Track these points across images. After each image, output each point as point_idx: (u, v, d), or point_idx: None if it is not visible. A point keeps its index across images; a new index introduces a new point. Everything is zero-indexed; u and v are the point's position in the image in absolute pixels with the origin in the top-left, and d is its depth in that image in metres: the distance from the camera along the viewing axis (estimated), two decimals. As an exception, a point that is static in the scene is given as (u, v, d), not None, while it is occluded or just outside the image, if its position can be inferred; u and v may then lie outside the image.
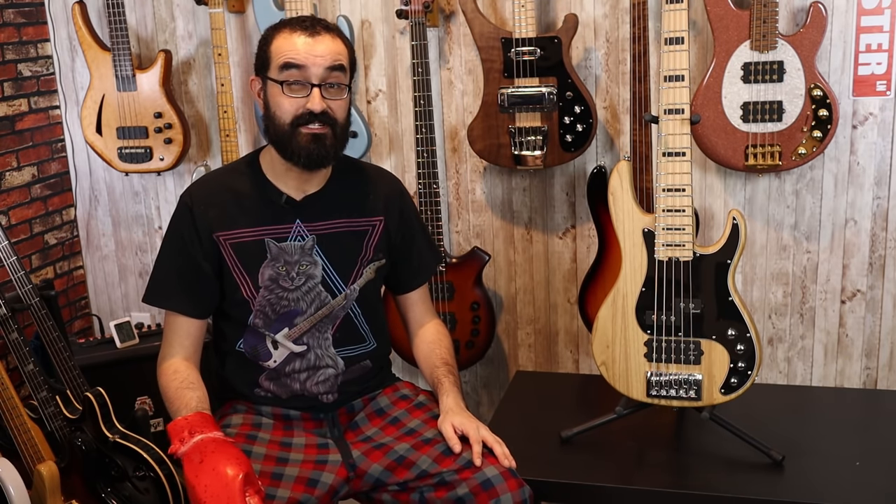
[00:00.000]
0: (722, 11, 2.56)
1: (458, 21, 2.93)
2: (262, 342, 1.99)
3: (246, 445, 1.88)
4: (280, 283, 1.95)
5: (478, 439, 1.85)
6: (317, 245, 1.97)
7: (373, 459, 1.91)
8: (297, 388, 2.00)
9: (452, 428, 1.88)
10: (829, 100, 2.55)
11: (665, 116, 2.04)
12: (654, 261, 2.11)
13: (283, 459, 1.88)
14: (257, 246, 1.94)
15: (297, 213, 1.96)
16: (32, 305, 2.51)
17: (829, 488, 2.06)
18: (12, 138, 3.22)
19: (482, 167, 3.04)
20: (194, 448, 1.72)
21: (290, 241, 1.95)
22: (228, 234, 1.93)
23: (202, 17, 3.18)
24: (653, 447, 2.27)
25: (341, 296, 2.01)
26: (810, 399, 2.65)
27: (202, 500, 1.65)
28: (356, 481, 1.91)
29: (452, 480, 1.83)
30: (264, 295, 1.95)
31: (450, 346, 2.11)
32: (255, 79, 1.95)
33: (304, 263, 1.96)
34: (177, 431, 1.77)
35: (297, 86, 1.86)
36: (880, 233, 2.77)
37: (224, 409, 2.04)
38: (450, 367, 2.05)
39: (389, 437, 1.96)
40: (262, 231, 1.94)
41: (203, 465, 1.68)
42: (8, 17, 3.19)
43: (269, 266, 1.94)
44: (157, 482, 2.47)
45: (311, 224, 1.97)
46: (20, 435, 2.38)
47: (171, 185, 3.37)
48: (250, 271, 1.94)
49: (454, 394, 1.98)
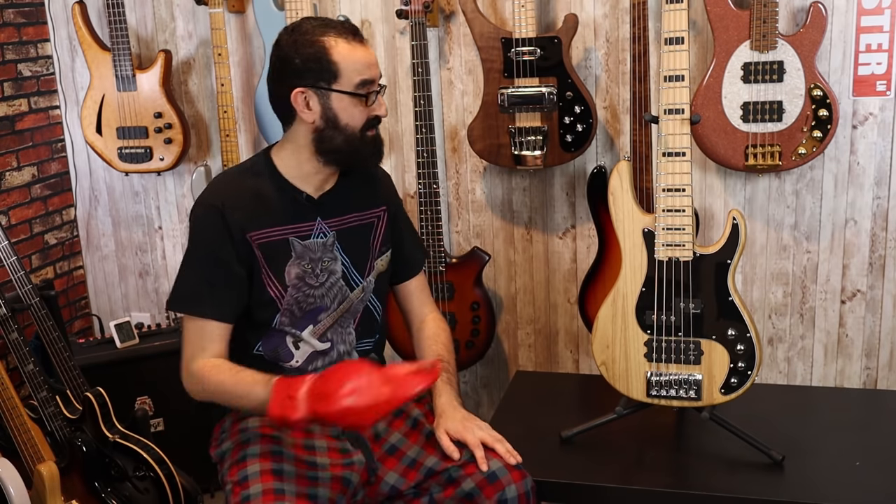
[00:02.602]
0: (722, 11, 2.56)
1: (458, 21, 2.93)
2: (283, 343, 1.98)
3: (275, 446, 1.88)
4: (307, 280, 1.96)
5: (476, 444, 1.85)
6: (337, 241, 1.99)
7: (388, 466, 1.93)
8: None
9: (447, 435, 1.88)
10: (829, 100, 2.55)
11: (665, 116, 2.04)
12: (654, 261, 2.11)
13: (312, 463, 1.88)
14: (283, 245, 1.94)
15: (318, 210, 1.98)
16: (32, 305, 2.51)
17: (829, 488, 2.06)
18: (12, 138, 3.22)
19: (482, 167, 3.04)
20: (309, 395, 1.65)
21: (314, 238, 1.97)
22: (257, 233, 1.92)
23: (202, 17, 3.18)
24: (653, 447, 2.27)
25: (359, 288, 2.03)
26: (810, 399, 2.65)
27: (360, 404, 1.61)
28: (373, 488, 1.92)
29: (458, 476, 1.84)
30: (292, 294, 1.95)
31: (447, 342, 2.11)
32: (306, 90, 1.87)
33: (326, 260, 1.97)
34: (280, 405, 1.67)
35: (370, 96, 1.91)
36: (880, 233, 2.77)
37: (235, 414, 2.01)
38: (445, 364, 2.03)
39: (397, 433, 1.98)
40: (287, 230, 1.95)
41: (328, 388, 1.63)
42: (8, 17, 3.19)
43: (295, 265, 1.95)
44: (157, 482, 2.47)
45: (330, 220, 1.99)
46: (20, 435, 2.38)
47: (171, 185, 3.38)
48: (277, 271, 1.94)
49: (447, 393, 1.97)
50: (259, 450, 1.87)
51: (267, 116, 3.01)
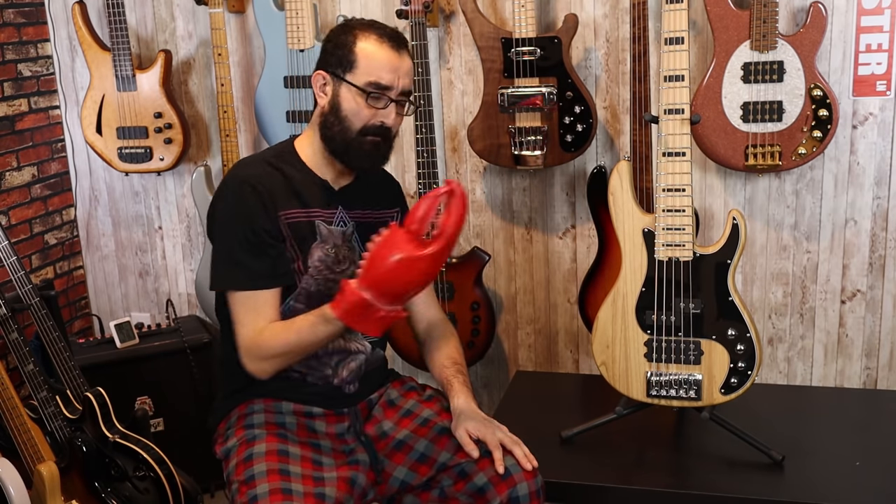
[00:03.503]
0: (722, 11, 2.56)
1: (458, 21, 2.93)
2: None
3: (281, 445, 1.87)
4: (328, 264, 1.97)
5: (496, 444, 1.84)
6: (356, 232, 2.01)
7: (396, 462, 1.93)
8: (328, 374, 1.98)
9: (467, 433, 1.87)
10: (829, 100, 2.55)
11: (665, 116, 2.04)
12: (654, 261, 2.11)
13: (318, 462, 1.88)
14: (309, 227, 1.96)
15: (339, 200, 2.00)
16: (32, 305, 2.51)
17: (829, 488, 2.06)
18: (12, 138, 3.22)
19: (482, 167, 3.04)
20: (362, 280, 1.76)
21: (335, 225, 1.99)
22: (287, 213, 1.94)
23: (202, 17, 3.18)
24: (653, 447, 2.28)
25: None
26: (810, 399, 2.66)
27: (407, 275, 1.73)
28: (382, 486, 1.93)
29: (471, 471, 1.85)
30: (312, 274, 1.96)
31: (458, 345, 2.11)
32: (324, 74, 1.94)
33: (345, 248, 1.99)
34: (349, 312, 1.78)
35: (379, 99, 1.90)
36: (880, 233, 2.77)
37: (240, 410, 1.99)
38: (459, 367, 2.04)
39: (406, 430, 1.97)
40: (313, 213, 1.97)
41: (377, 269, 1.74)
42: (8, 17, 3.19)
43: (319, 248, 1.96)
44: (157, 482, 2.47)
45: (351, 212, 2.01)
46: (20, 435, 2.38)
47: (171, 185, 3.38)
48: (303, 251, 1.95)
49: (465, 394, 1.97)
50: (265, 448, 1.86)
51: (267, 116, 3.01)
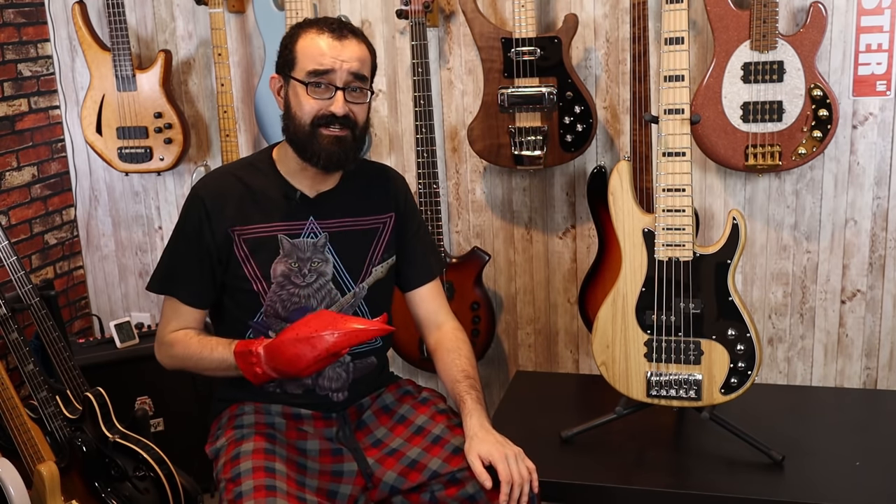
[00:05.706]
0: (722, 11, 2.56)
1: (458, 21, 2.93)
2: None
3: (268, 444, 1.87)
4: (292, 279, 1.95)
5: (507, 479, 1.76)
6: (329, 242, 1.98)
7: (387, 467, 1.91)
8: (308, 384, 1.99)
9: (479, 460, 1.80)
10: (829, 100, 2.55)
11: (665, 116, 2.04)
12: (654, 261, 2.11)
13: (302, 466, 1.88)
14: (271, 241, 1.95)
15: (311, 209, 1.97)
16: (32, 305, 2.51)
17: (829, 488, 2.06)
18: (12, 138, 3.22)
19: (482, 167, 3.04)
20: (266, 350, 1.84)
21: (304, 237, 1.96)
22: (243, 228, 1.94)
23: (202, 17, 3.18)
24: (653, 447, 2.28)
25: (350, 294, 2.00)
26: (810, 399, 2.66)
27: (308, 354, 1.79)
28: (373, 492, 1.91)
29: (463, 478, 1.83)
30: (276, 291, 1.95)
31: (470, 355, 2.05)
32: (277, 77, 1.95)
33: (316, 260, 1.96)
34: (245, 360, 1.85)
35: (321, 88, 1.88)
36: (880, 233, 2.77)
37: (231, 411, 2.01)
38: (472, 381, 1.97)
39: (399, 438, 1.95)
40: (276, 227, 1.95)
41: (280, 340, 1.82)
42: (8, 17, 3.19)
43: (282, 262, 1.95)
44: (157, 482, 2.47)
45: (324, 221, 1.98)
46: (20, 435, 2.38)
47: (171, 185, 3.38)
48: (262, 267, 1.94)
49: (478, 413, 1.90)
50: (253, 447, 1.86)
51: (267, 116, 3.01)
